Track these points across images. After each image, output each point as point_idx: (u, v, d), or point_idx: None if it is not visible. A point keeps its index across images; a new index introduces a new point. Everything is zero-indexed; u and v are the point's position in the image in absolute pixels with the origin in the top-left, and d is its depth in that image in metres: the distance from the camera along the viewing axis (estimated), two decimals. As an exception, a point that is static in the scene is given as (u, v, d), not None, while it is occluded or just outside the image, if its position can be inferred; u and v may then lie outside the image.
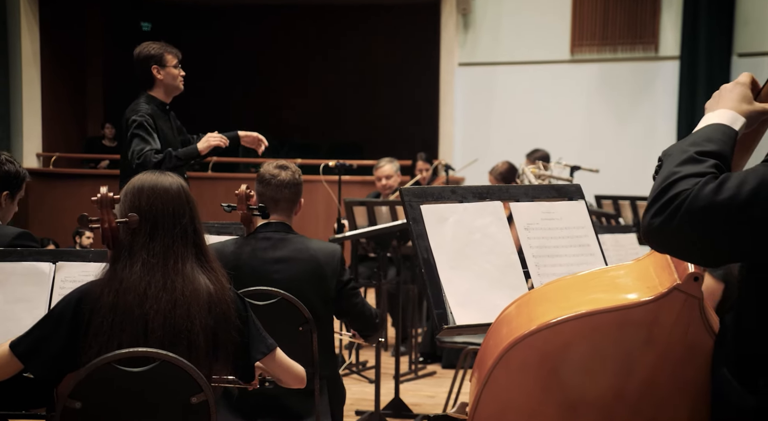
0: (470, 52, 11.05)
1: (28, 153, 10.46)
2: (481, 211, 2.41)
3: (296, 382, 2.87)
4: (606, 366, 1.80)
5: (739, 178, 1.56)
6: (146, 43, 5.13)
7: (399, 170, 7.16)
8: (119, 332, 2.51)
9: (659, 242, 1.63)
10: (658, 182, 1.64)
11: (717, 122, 1.74)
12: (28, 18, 10.32)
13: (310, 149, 12.42)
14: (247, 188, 3.70)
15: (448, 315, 2.29)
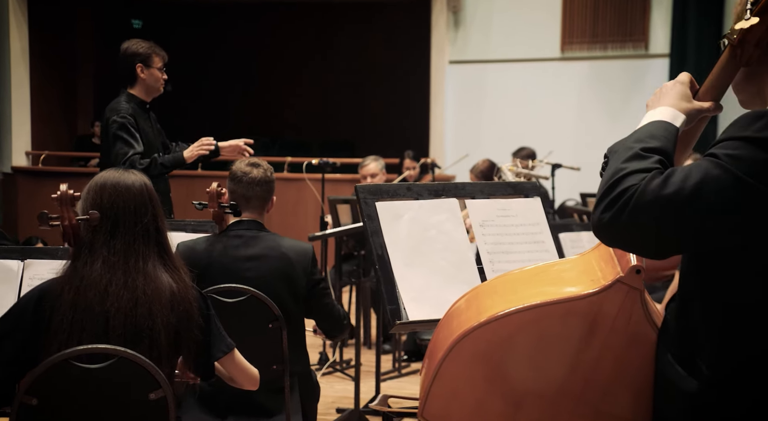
0: (461, 50, 11.05)
1: (17, 151, 10.44)
2: (436, 208, 2.41)
3: (250, 383, 2.87)
4: (551, 357, 1.86)
5: (684, 172, 1.62)
6: (135, 40, 5.12)
7: (384, 168, 7.15)
8: (79, 330, 2.51)
9: (609, 236, 1.68)
10: (606, 179, 1.69)
11: (659, 119, 1.80)
12: (17, 16, 10.30)
13: (302, 147, 12.42)
14: (219, 186, 3.70)
15: (402, 311, 2.30)
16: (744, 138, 1.62)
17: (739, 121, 1.67)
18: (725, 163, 1.61)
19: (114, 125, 4.91)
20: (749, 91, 1.83)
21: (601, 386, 1.85)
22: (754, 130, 1.62)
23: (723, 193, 1.59)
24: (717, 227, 1.62)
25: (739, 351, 1.67)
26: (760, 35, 1.70)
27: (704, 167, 1.62)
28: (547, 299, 1.85)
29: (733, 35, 1.74)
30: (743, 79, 1.82)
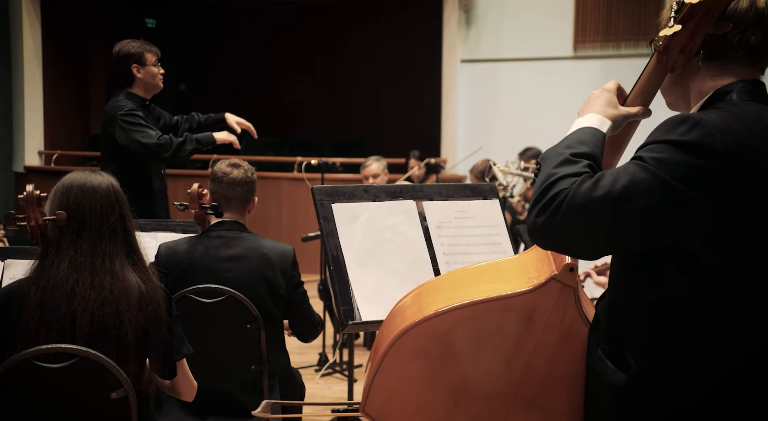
0: (472, 48, 11.02)
1: (30, 150, 10.53)
2: (393, 210, 2.42)
3: (190, 393, 2.90)
4: (489, 352, 1.92)
5: (612, 175, 1.68)
6: (125, 41, 5.16)
7: (386, 168, 7.15)
8: (46, 330, 2.54)
9: (543, 239, 1.75)
10: (539, 184, 1.75)
11: (587, 126, 1.87)
12: (30, 14, 10.39)
13: (313, 146, 12.43)
14: (200, 187, 3.72)
15: (355, 311, 2.31)
16: (668, 141, 1.69)
17: (664, 124, 1.73)
18: (651, 166, 1.66)
19: (127, 117, 4.93)
20: (675, 95, 1.92)
21: (536, 380, 1.92)
22: (678, 134, 1.68)
23: (649, 196, 1.65)
24: (644, 228, 1.68)
25: (664, 347, 1.73)
26: (684, 42, 1.78)
27: (631, 171, 1.67)
28: (485, 296, 1.92)
29: (659, 42, 1.80)
30: (670, 83, 1.90)
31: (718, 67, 1.83)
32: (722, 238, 1.69)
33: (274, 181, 9.79)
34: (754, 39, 1.79)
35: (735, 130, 1.69)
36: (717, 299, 1.71)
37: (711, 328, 1.72)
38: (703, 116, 1.70)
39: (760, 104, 1.81)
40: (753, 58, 1.83)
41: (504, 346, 1.90)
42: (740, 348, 1.72)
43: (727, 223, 1.68)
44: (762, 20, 1.79)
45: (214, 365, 3.45)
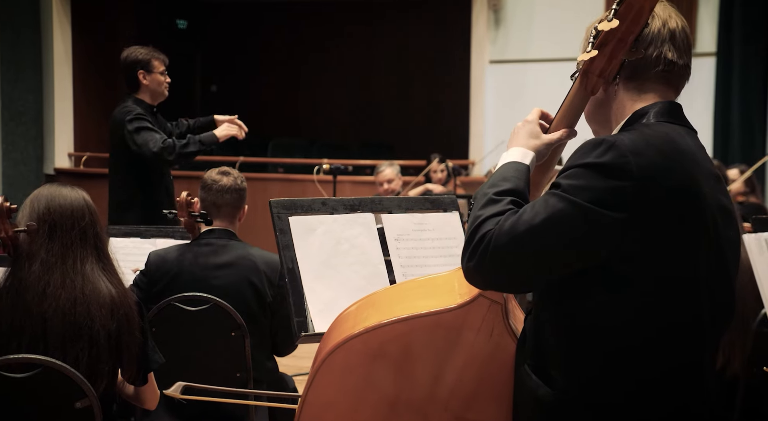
0: (501, 49, 10.95)
1: (60, 152, 10.66)
2: (351, 222, 2.41)
3: (153, 403, 2.94)
4: (419, 367, 1.93)
5: (533, 210, 1.74)
6: (134, 47, 5.22)
7: (400, 173, 7.15)
8: (18, 333, 2.59)
9: (477, 282, 1.82)
10: (468, 228, 1.82)
11: (509, 161, 1.93)
12: (60, 17, 10.51)
13: (341, 149, 12.44)
14: (189, 195, 3.74)
15: (309, 323, 2.31)
16: (584, 165, 1.73)
17: (581, 148, 1.77)
18: (568, 195, 1.71)
19: (134, 122, 4.99)
20: (599, 121, 1.97)
21: (465, 394, 1.93)
22: (594, 157, 1.72)
23: (569, 224, 1.71)
24: (569, 256, 1.74)
25: (585, 362, 1.77)
26: (602, 67, 1.83)
27: (550, 203, 1.73)
28: (415, 312, 1.93)
29: (578, 66, 1.86)
30: (593, 108, 1.96)
31: (637, 87, 1.89)
32: (638, 254, 1.72)
33: (301, 183, 9.81)
34: (671, 54, 1.87)
35: (646, 151, 1.73)
36: (636, 314, 1.75)
37: (630, 343, 1.76)
38: (616, 139, 1.75)
39: (674, 125, 1.86)
40: (668, 77, 1.89)
41: (433, 361, 1.91)
42: (659, 362, 1.77)
43: (642, 240, 1.72)
44: (674, 37, 1.88)
45: (200, 372, 3.47)
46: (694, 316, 1.78)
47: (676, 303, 1.76)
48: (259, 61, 14.34)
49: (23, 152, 10.37)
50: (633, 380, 1.76)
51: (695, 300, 1.78)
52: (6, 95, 10.13)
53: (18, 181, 10.19)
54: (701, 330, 1.80)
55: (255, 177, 10.27)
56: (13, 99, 10.21)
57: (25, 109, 10.36)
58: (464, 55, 11.20)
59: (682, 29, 1.90)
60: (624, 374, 1.76)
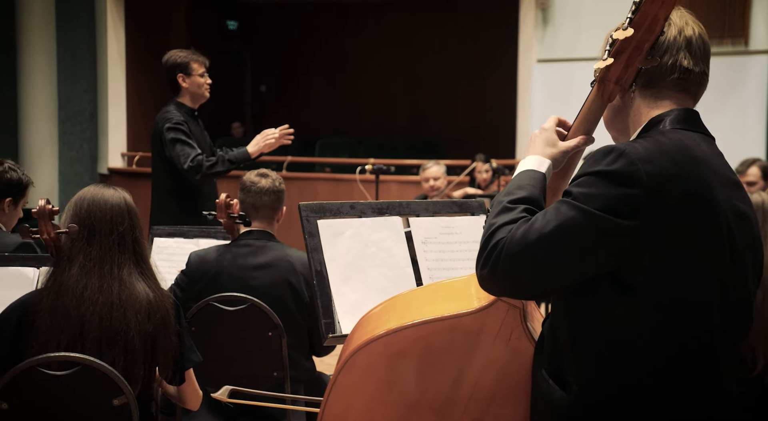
0: (549, 48, 10.89)
1: (113, 152, 10.86)
2: (378, 225, 2.45)
3: (195, 403, 2.98)
4: (438, 371, 1.96)
5: (545, 218, 1.76)
6: (174, 51, 5.28)
7: (445, 172, 7.18)
8: (58, 333, 2.66)
9: (492, 289, 1.84)
10: (482, 235, 1.84)
11: (525, 169, 1.97)
12: (114, 19, 10.70)
13: (388, 148, 12.48)
14: (228, 197, 3.81)
15: (336, 324, 2.35)
16: (595, 172, 1.75)
17: (593, 156, 1.79)
18: (579, 203, 1.74)
19: (170, 132, 5.07)
20: (617, 128, 1.99)
21: (484, 397, 1.96)
22: (604, 164, 1.75)
23: (580, 232, 1.73)
24: (580, 263, 1.76)
25: (600, 368, 1.79)
26: (618, 74, 1.85)
27: (561, 211, 1.75)
28: (434, 316, 1.96)
29: (596, 73, 1.89)
30: (612, 115, 1.99)
31: (654, 94, 1.91)
32: (650, 261, 1.74)
33: (347, 183, 9.87)
34: (686, 62, 1.89)
35: (658, 159, 1.75)
36: (648, 320, 1.76)
37: (643, 349, 1.77)
38: (627, 146, 1.77)
39: (689, 132, 1.88)
40: (685, 84, 1.91)
41: (452, 364, 1.94)
42: (673, 368, 1.77)
43: (653, 247, 1.73)
44: (690, 45, 1.90)
45: (239, 371, 3.54)
46: (706, 321, 1.79)
47: (687, 309, 1.77)
48: (307, 61, 14.44)
49: (79, 152, 10.58)
50: (647, 385, 1.77)
51: (707, 306, 1.79)
52: (63, 95, 10.35)
53: (73, 179, 10.40)
54: (714, 336, 1.80)
55: (302, 176, 10.39)
56: (70, 99, 10.44)
57: (81, 110, 10.58)
58: (511, 54, 11.16)
59: (699, 36, 1.91)
60: (637, 379, 1.77)
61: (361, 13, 14.04)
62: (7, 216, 3.84)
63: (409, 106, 14.14)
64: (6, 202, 3.80)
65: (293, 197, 10.08)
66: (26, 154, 10.23)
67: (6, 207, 3.80)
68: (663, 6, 1.81)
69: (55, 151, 10.34)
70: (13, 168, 3.84)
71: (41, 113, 10.25)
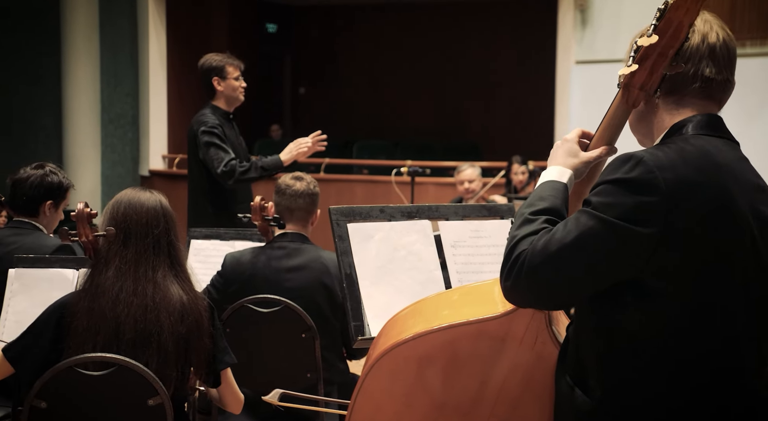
0: (588, 49, 10.83)
1: (155, 154, 10.99)
2: (408, 229, 2.48)
3: (236, 406, 3.00)
4: (464, 374, 1.98)
5: (566, 228, 1.78)
6: (210, 55, 5.35)
7: (480, 174, 7.18)
8: (94, 334, 2.72)
9: (516, 300, 1.86)
10: (505, 248, 1.87)
11: (547, 180, 2.00)
12: (156, 22, 10.83)
13: (425, 150, 12.49)
14: (262, 199, 3.86)
15: (365, 327, 2.38)
16: (613, 181, 1.78)
17: (611, 164, 1.82)
18: (598, 212, 1.76)
19: (205, 135, 5.15)
20: (642, 132, 2.01)
21: (511, 399, 1.97)
22: (623, 172, 1.77)
23: (600, 241, 1.75)
24: (602, 272, 1.78)
25: (622, 373, 1.80)
26: (643, 81, 1.85)
27: (581, 221, 1.77)
28: (460, 320, 1.98)
29: (620, 79, 1.89)
30: (636, 120, 2.00)
31: (676, 101, 1.92)
32: (671, 268, 1.75)
33: (384, 184, 9.90)
34: (708, 71, 1.89)
35: (677, 165, 1.77)
36: (670, 326, 1.77)
37: (666, 354, 1.78)
38: (645, 154, 1.78)
39: (712, 137, 1.88)
40: (708, 91, 1.91)
41: (479, 368, 1.96)
42: (696, 371, 1.78)
43: (674, 253, 1.75)
44: (713, 53, 1.89)
45: (273, 372, 3.59)
46: (729, 327, 1.79)
47: (710, 315, 1.78)
48: (346, 63, 14.50)
49: (121, 154, 10.73)
50: (670, 391, 1.78)
51: (731, 312, 1.79)
52: (106, 98, 10.51)
53: (115, 181, 10.54)
54: (738, 341, 1.80)
55: (340, 178, 10.44)
56: (112, 102, 10.59)
57: (123, 113, 10.74)
58: (550, 56, 11.13)
59: (724, 42, 1.90)
60: (661, 384, 1.78)
61: (399, 14, 14.07)
62: (48, 219, 3.91)
63: (447, 108, 14.14)
64: (47, 205, 3.87)
65: (331, 199, 10.17)
66: (70, 157, 10.39)
67: (47, 210, 3.88)
68: (687, 13, 1.81)
69: (98, 153, 10.49)
70: (54, 171, 3.91)
71: (84, 117, 10.41)
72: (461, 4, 13.69)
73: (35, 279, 3.45)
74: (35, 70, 10.61)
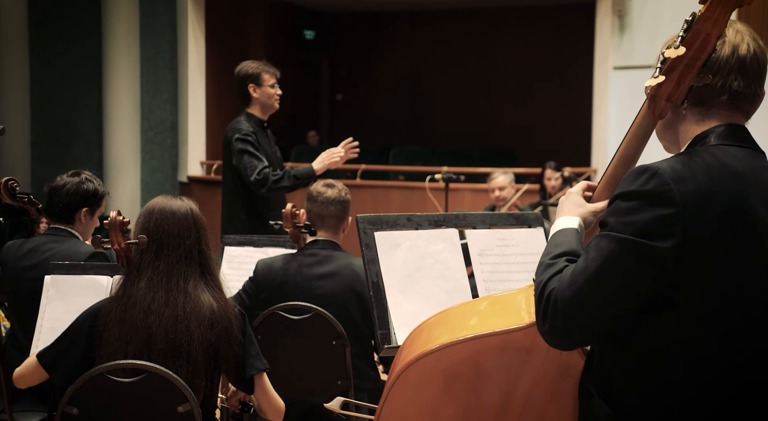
0: (626, 55, 10.76)
1: (193, 161, 11.08)
2: (435, 237, 2.48)
3: (275, 413, 2.99)
4: (491, 385, 1.98)
5: (587, 258, 1.78)
6: (246, 62, 5.39)
7: (513, 181, 7.16)
8: (125, 344, 2.75)
9: (559, 341, 1.84)
10: (535, 296, 1.87)
11: (558, 229, 2.01)
12: (195, 31, 10.93)
13: (461, 156, 12.46)
14: (294, 207, 3.88)
15: (392, 335, 2.39)
16: (629, 194, 1.78)
17: (628, 176, 1.82)
18: (615, 233, 1.76)
19: (239, 142, 5.19)
20: (668, 139, 2.01)
21: (537, 410, 1.98)
22: (638, 185, 1.77)
23: (625, 263, 1.74)
24: (635, 291, 1.76)
25: (645, 385, 1.80)
26: (670, 92, 1.85)
27: (602, 246, 1.77)
28: (485, 331, 1.98)
29: (647, 91, 1.89)
30: (663, 128, 2.00)
31: (703, 112, 1.91)
32: (691, 278, 1.75)
33: (420, 191, 9.91)
34: (736, 84, 1.87)
35: (692, 176, 1.77)
36: (692, 337, 1.77)
37: (690, 366, 1.77)
38: (660, 166, 1.78)
39: (734, 146, 1.87)
40: (735, 103, 1.89)
41: (504, 379, 1.96)
42: (720, 382, 1.77)
43: (693, 264, 1.74)
44: (743, 66, 1.87)
45: (303, 379, 3.61)
46: (754, 337, 1.78)
47: (734, 325, 1.77)
48: (382, 69, 14.53)
49: (160, 160, 10.84)
50: (696, 402, 1.77)
51: (755, 321, 1.78)
52: (146, 105, 10.62)
53: (154, 187, 10.65)
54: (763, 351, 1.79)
55: (376, 184, 10.45)
56: (152, 109, 10.71)
57: (162, 119, 10.85)
58: (588, 62, 11.07)
59: (754, 55, 1.88)
60: (685, 395, 1.77)
61: (436, 20, 14.07)
62: (83, 226, 3.96)
63: (484, 114, 14.10)
64: (82, 213, 3.91)
65: (367, 205, 10.20)
66: (110, 163, 10.51)
67: (82, 217, 3.92)
68: (716, 25, 1.80)
69: (138, 160, 10.60)
70: (90, 179, 3.95)
71: (125, 123, 10.52)
72: (498, 11, 13.65)
73: (70, 286, 3.49)
74: (76, 78, 10.75)
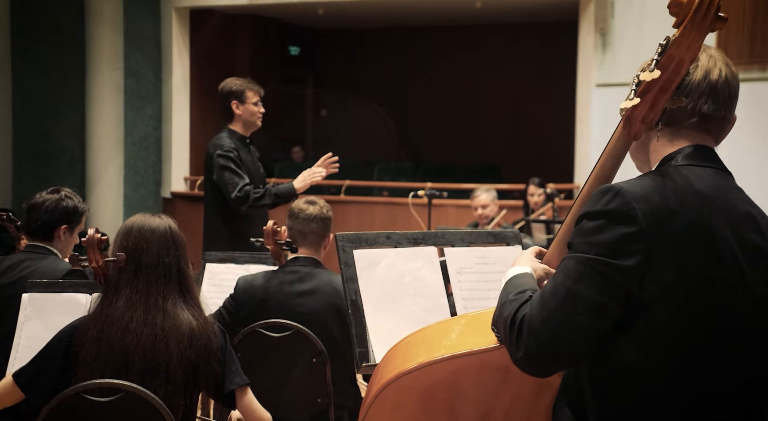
0: (608, 72, 10.83)
1: (177, 177, 11.07)
2: (413, 255, 2.48)
3: None
4: (468, 405, 1.99)
5: (554, 282, 1.80)
6: (231, 79, 5.40)
7: (496, 198, 7.17)
8: (102, 364, 2.73)
9: (534, 367, 1.82)
10: (503, 330, 1.88)
11: (513, 275, 2.03)
12: (179, 46, 10.95)
13: (446, 172, 12.49)
14: (275, 224, 3.87)
15: (370, 354, 2.38)
16: (593, 213, 1.81)
17: (593, 196, 1.84)
18: (581, 254, 1.79)
19: (220, 159, 5.18)
20: (641, 159, 2.04)
21: None
22: (602, 205, 1.80)
23: (591, 282, 1.76)
24: (606, 311, 1.77)
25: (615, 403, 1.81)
26: (645, 113, 1.86)
27: (569, 267, 1.80)
28: (463, 350, 1.99)
29: (622, 112, 1.90)
30: (635, 148, 2.03)
31: (673, 133, 1.94)
32: (656, 296, 1.76)
33: (404, 207, 9.92)
34: (706, 107, 1.91)
35: (656, 195, 1.79)
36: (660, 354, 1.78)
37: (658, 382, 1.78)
38: (624, 185, 1.81)
39: (698, 166, 1.90)
40: (705, 126, 1.93)
41: (482, 398, 1.96)
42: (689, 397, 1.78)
43: (657, 282, 1.75)
44: (714, 90, 1.91)
45: (284, 397, 3.58)
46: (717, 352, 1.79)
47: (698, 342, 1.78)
48: (367, 86, 14.55)
49: (143, 176, 10.81)
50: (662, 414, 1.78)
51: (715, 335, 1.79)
52: (129, 122, 10.60)
53: (137, 203, 10.62)
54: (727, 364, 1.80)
55: (360, 200, 10.45)
56: (135, 125, 10.69)
57: (146, 135, 10.82)
58: (571, 79, 11.12)
59: (726, 80, 1.92)
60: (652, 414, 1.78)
61: (422, 37, 14.12)
62: (62, 243, 3.93)
63: (469, 130, 14.15)
64: (61, 230, 3.88)
65: (351, 221, 10.20)
66: (93, 180, 10.48)
67: (62, 234, 3.89)
68: (689, 49, 1.81)
69: (121, 176, 10.57)
70: (69, 196, 3.93)
71: (108, 139, 10.50)
72: (482, 28, 13.72)
73: (48, 304, 3.46)
74: (59, 94, 10.72)
